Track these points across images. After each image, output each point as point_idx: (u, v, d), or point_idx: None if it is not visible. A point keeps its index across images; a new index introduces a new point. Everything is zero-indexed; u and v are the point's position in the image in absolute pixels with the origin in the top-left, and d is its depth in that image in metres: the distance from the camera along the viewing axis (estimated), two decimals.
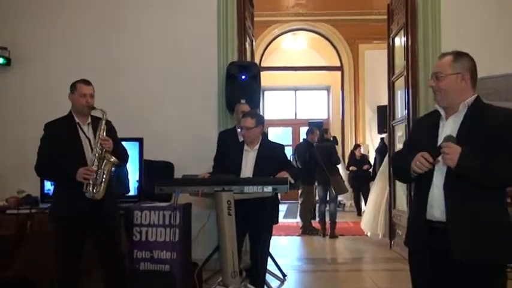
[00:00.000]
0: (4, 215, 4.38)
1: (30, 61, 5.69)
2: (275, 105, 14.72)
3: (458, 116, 2.47)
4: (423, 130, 2.60)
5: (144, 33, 5.74)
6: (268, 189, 3.68)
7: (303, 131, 14.28)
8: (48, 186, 4.63)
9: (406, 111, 6.01)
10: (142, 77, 5.68)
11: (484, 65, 5.19)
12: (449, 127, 2.47)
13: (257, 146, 4.21)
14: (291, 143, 14.68)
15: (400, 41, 6.45)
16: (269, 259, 4.77)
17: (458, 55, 2.52)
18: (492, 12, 5.68)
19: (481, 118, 2.41)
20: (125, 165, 4.13)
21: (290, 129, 15.05)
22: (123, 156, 3.85)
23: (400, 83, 6.55)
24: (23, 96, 5.66)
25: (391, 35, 6.85)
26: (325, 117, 14.61)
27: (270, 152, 4.20)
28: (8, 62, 5.59)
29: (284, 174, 3.87)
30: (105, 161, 3.58)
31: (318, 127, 9.19)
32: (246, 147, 4.24)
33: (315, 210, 9.00)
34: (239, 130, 4.40)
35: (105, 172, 3.57)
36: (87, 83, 3.76)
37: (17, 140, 5.54)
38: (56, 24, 5.75)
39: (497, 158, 2.26)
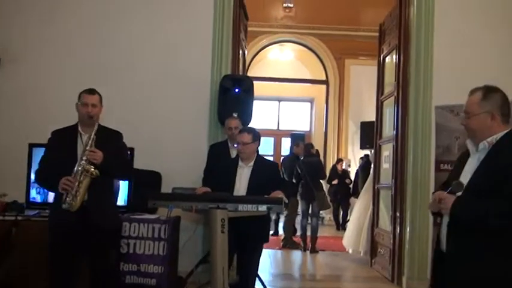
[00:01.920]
0: None
1: (21, 61, 5.55)
2: (258, 114, 14.62)
3: (482, 153, 2.48)
4: (457, 165, 2.64)
5: (138, 41, 5.66)
6: (263, 208, 3.67)
7: (285, 141, 14.44)
8: (34, 193, 4.54)
9: (395, 131, 6.05)
10: (135, 84, 5.60)
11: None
12: (471, 164, 2.51)
13: (252, 163, 4.18)
14: (272, 153, 14.71)
15: (391, 61, 6.51)
16: None
17: (488, 91, 2.51)
18: (487, 35, 5.71)
19: (497, 156, 2.42)
20: (126, 179, 4.02)
21: (272, 139, 15.07)
22: (120, 170, 3.77)
23: (388, 102, 6.61)
24: (13, 96, 5.52)
25: (382, 55, 6.90)
26: (308, 129, 14.70)
27: (265, 170, 4.17)
28: None
29: (278, 194, 3.86)
30: (84, 172, 3.47)
31: (300, 139, 9.20)
32: (240, 163, 4.21)
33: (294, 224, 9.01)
34: (235, 145, 4.36)
35: (81, 183, 3.45)
36: (90, 92, 3.69)
37: (5, 142, 5.41)
38: (47, 25, 5.62)
39: (492, 203, 2.33)
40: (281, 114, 15.33)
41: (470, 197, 2.40)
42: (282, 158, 10.87)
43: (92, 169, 3.46)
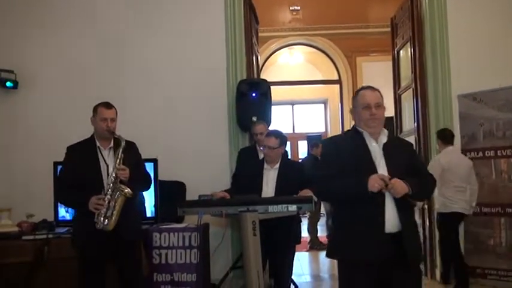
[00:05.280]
0: (19, 241, 4.26)
1: (37, 84, 5.61)
2: (273, 119, 14.58)
3: (383, 139, 2.81)
4: (350, 151, 2.78)
5: (153, 53, 5.70)
6: (293, 208, 3.64)
7: (302, 144, 14.34)
8: (63, 212, 4.55)
9: (416, 123, 5.99)
10: (152, 97, 5.64)
11: (494, 75, 5.32)
12: (380, 149, 2.80)
13: (277, 165, 4.17)
14: (289, 157, 14.61)
15: (405, 54, 6.46)
16: None
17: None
18: (501, 22, 5.67)
19: (397, 144, 2.92)
20: (148, 190, 4.00)
21: (288, 143, 14.94)
22: (143, 183, 3.76)
23: (406, 95, 6.55)
24: (30, 119, 5.58)
25: (396, 48, 6.86)
26: (323, 130, 14.62)
27: (291, 171, 4.16)
28: (15, 85, 5.50)
29: (307, 192, 3.83)
30: (118, 192, 3.44)
31: (317, 140, 9.15)
32: (266, 165, 4.20)
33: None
34: (262, 148, 4.36)
35: (116, 204, 3.42)
36: (108, 106, 3.64)
37: (25, 164, 5.46)
38: (63, 47, 5.69)
39: (423, 179, 2.81)
40: (295, 117, 15.29)
41: (413, 178, 2.73)
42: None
43: (126, 190, 3.43)
